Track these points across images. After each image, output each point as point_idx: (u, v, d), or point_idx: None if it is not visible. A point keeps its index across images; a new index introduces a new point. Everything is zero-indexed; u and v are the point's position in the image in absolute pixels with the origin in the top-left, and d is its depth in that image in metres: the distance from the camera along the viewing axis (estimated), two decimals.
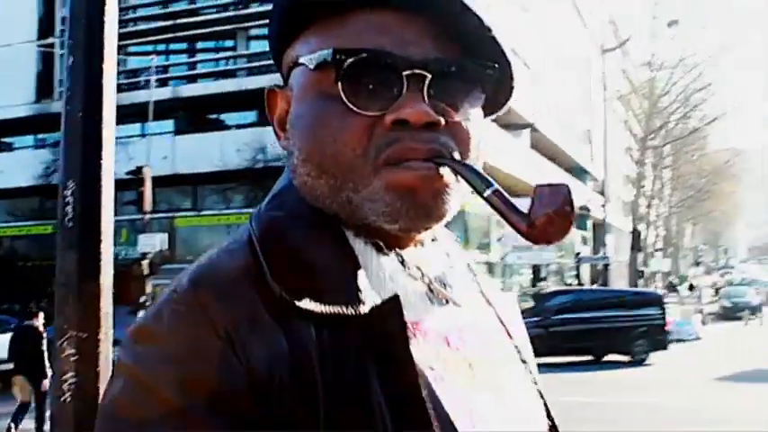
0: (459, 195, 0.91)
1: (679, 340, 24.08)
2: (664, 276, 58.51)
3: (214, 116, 32.09)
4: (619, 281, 41.73)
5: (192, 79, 31.41)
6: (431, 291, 0.93)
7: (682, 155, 47.80)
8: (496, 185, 0.86)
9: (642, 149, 37.69)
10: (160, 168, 26.09)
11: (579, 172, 48.11)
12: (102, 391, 1.55)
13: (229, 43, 32.30)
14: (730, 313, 36.64)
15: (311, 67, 0.89)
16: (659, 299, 22.32)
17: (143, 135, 29.02)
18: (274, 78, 1.01)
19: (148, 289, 22.08)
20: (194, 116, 31.02)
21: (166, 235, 25.16)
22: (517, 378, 0.97)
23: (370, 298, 0.84)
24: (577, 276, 46.02)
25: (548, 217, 0.82)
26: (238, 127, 30.33)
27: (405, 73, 0.86)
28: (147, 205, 22.71)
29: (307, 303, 0.81)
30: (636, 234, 36.56)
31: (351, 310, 0.82)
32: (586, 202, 40.21)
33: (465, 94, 0.91)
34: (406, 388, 0.80)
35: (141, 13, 31.51)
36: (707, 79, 37.20)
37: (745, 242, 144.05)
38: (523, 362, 1.01)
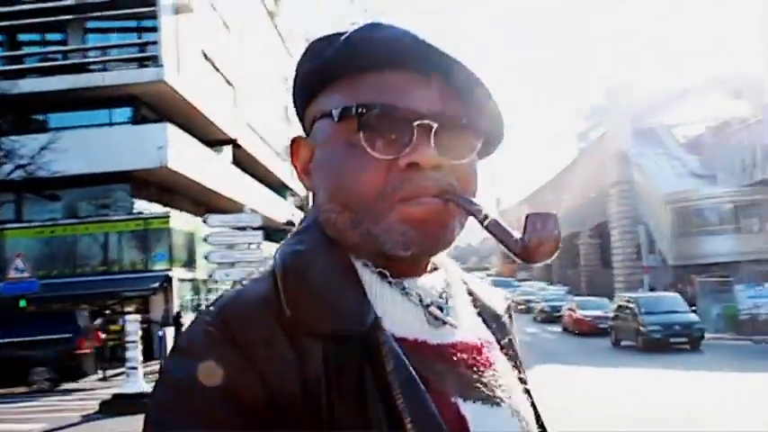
0: (461, 225, 1.07)
1: None
2: None
3: None
4: None
5: None
6: (430, 314, 1.06)
7: None
8: (493, 216, 1.00)
9: None
10: None
11: (281, 188, 48.88)
12: None
13: None
14: None
15: (335, 119, 1.03)
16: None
17: None
18: None
19: None
20: None
21: None
22: (509, 390, 1.09)
23: (370, 319, 0.97)
24: None
25: (539, 241, 0.98)
26: None
27: (415, 123, 1.00)
28: None
29: (314, 324, 0.94)
30: None
31: (352, 329, 0.95)
32: (291, 217, 40.84)
33: (464, 141, 1.04)
34: (409, 392, 0.94)
35: None
36: None
37: None
38: (518, 376, 1.16)
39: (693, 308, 29.76)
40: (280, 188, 48.40)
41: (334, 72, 1.07)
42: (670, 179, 49.21)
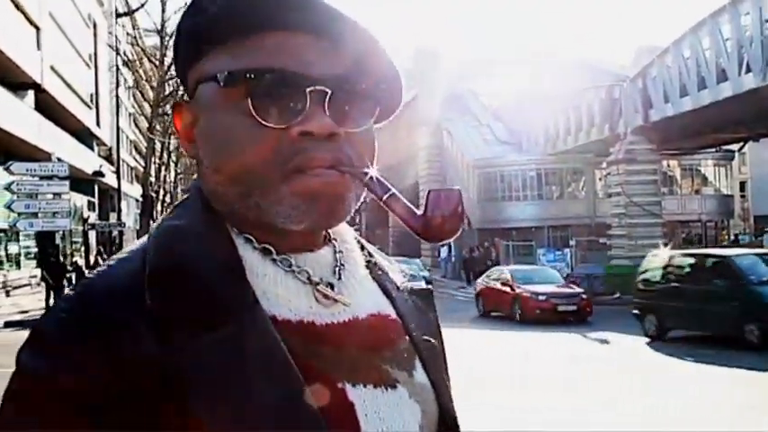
0: (357, 198, 0.99)
1: None
2: None
3: None
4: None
5: None
6: (318, 292, 0.99)
7: None
8: (393, 190, 0.96)
9: (154, 117, 37.79)
10: None
11: (88, 137, 46.91)
12: None
13: None
14: None
15: (221, 84, 0.95)
16: None
17: None
18: None
19: None
20: None
21: None
22: (410, 369, 1.03)
23: (246, 302, 0.91)
24: (86, 243, 45.09)
25: (442, 218, 0.94)
26: None
27: (308, 89, 0.93)
28: None
29: (180, 311, 0.87)
30: (149, 200, 36.70)
31: (223, 315, 0.88)
32: (99, 168, 39.41)
33: (362, 108, 0.99)
34: (278, 381, 0.87)
35: None
36: None
37: None
38: (418, 355, 1.07)
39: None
40: (86, 137, 46.32)
41: (219, 31, 0.97)
42: (478, 145, 50.96)
